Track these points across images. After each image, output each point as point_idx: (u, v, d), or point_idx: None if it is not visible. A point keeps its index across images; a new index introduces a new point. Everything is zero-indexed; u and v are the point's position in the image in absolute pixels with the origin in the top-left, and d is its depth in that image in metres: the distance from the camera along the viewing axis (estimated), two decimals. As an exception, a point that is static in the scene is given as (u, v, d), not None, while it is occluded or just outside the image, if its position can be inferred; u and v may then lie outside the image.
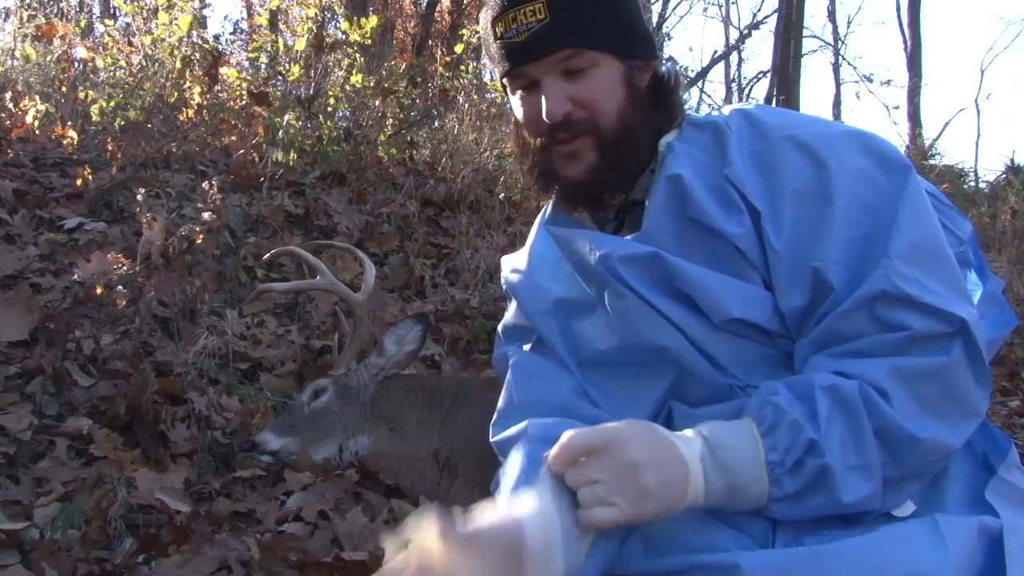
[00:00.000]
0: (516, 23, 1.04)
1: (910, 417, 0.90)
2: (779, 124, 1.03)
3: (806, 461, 0.89)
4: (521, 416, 1.09)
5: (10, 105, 4.15)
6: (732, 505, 0.92)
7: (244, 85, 4.91)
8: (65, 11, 5.66)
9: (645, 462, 0.86)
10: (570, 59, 1.04)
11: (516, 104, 1.11)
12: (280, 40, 5.05)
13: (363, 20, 5.14)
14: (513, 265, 1.24)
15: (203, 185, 3.38)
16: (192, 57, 4.65)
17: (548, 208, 1.22)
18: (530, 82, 1.07)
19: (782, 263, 0.98)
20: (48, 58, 4.71)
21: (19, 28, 4.99)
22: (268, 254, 2.86)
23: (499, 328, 1.25)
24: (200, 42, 4.88)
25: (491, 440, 1.14)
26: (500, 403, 1.17)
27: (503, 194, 4.86)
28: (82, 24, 5.72)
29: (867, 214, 0.96)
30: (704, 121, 1.09)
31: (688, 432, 0.93)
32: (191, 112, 4.48)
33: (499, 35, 1.06)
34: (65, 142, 4.01)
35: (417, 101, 5.62)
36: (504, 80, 1.10)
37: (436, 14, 11.63)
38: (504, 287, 1.26)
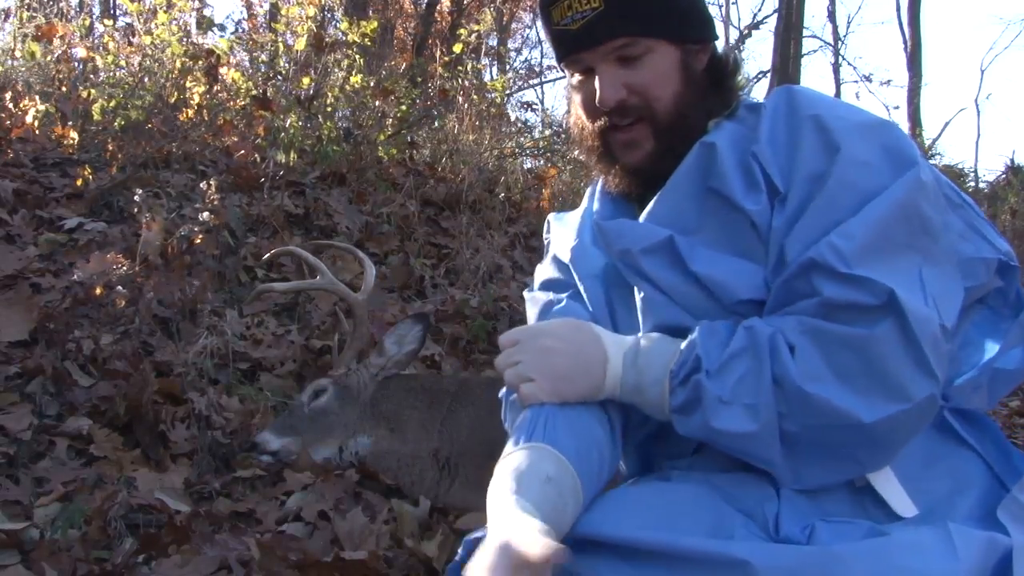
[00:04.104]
0: (571, 10, 1.05)
1: (814, 376, 0.91)
2: (810, 103, 1.04)
3: (691, 376, 0.96)
4: None
5: (10, 105, 4.15)
6: (644, 405, 1.02)
7: (247, 87, 4.91)
8: (65, 11, 5.65)
9: (556, 349, 1.01)
10: (624, 47, 1.05)
11: (574, 90, 1.12)
12: (280, 41, 5.05)
13: (363, 22, 5.14)
14: (565, 225, 1.25)
15: (201, 185, 3.38)
16: (193, 57, 4.65)
17: (600, 180, 1.22)
18: (586, 68, 1.08)
19: (774, 242, 1.00)
20: (48, 58, 4.71)
21: (19, 28, 4.99)
22: (268, 254, 2.86)
23: (536, 272, 1.27)
24: (202, 42, 4.88)
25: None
26: None
27: (503, 194, 4.86)
28: (85, 24, 5.72)
29: (853, 204, 0.96)
30: (755, 103, 1.10)
31: (630, 336, 1.05)
32: (191, 112, 4.48)
33: (556, 21, 1.07)
34: (65, 142, 4.01)
35: (417, 101, 5.61)
36: (561, 64, 1.12)
37: (436, 14, 11.63)
38: (545, 239, 1.29)
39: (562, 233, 1.24)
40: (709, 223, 1.04)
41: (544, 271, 1.25)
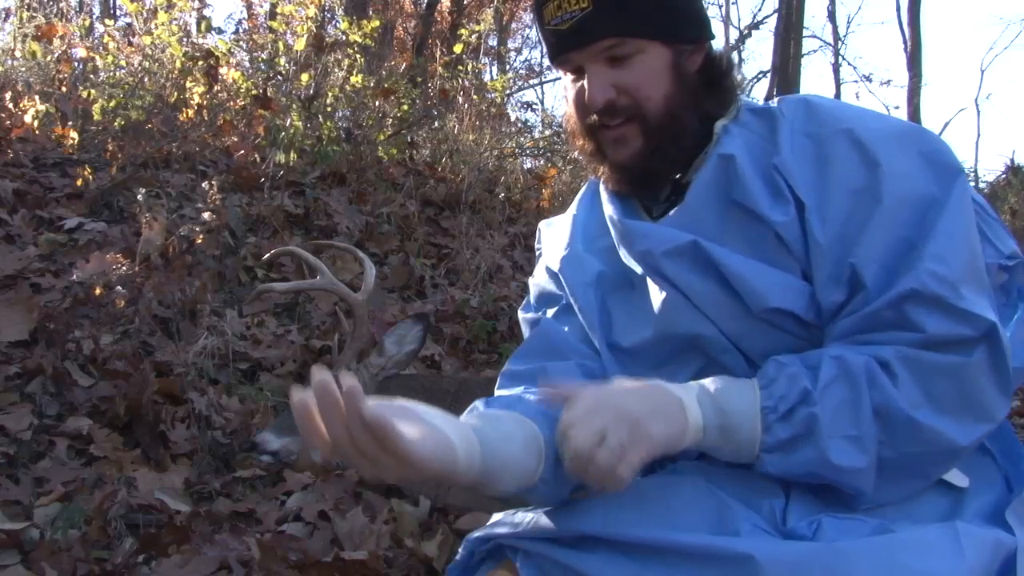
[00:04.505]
0: (561, 10, 1.04)
1: (915, 404, 0.90)
2: (837, 116, 1.02)
3: (797, 409, 0.92)
4: (525, 380, 1.14)
5: (10, 105, 4.15)
6: (726, 448, 0.95)
7: (247, 87, 4.91)
8: (65, 11, 5.65)
9: (644, 414, 0.90)
10: (613, 47, 1.03)
11: (565, 89, 1.12)
12: (281, 42, 5.05)
13: (364, 21, 5.15)
14: (555, 233, 1.24)
15: (203, 185, 3.38)
16: (193, 57, 4.65)
17: (597, 182, 1.21)
18: (577, 67, 1.07)
19: (825, 258, 0.98)
20: (48, 58, 4.71)
21: (19, 28, 4.99)
22: (268, 254, 2.86)
23: (530, 285, 1.26)
24: (202, 42, 4.88)
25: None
26: (510, 365, 1.19)
27: (503, 194, 4.86)
28: (85, 24, 5.72)
29: (912, 217, 0.95)
30: (760, 107, 1.09)
31: (689, 383, 0.98)
32: (191, 112, 4.49)
33: (547, 21, 1.07)
34: (65, 142, 4.01)
35: (417, 101, 5.61)
36: (553, 63, 1.11)
37: (436, 14, 11.63)
38: (537, 249, 1.28)
39: (553, 242, 1.23)
40: (732, 235, 1.03)
41: (537, 283, 1.24)
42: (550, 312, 1.19)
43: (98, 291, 2.72)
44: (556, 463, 0.95)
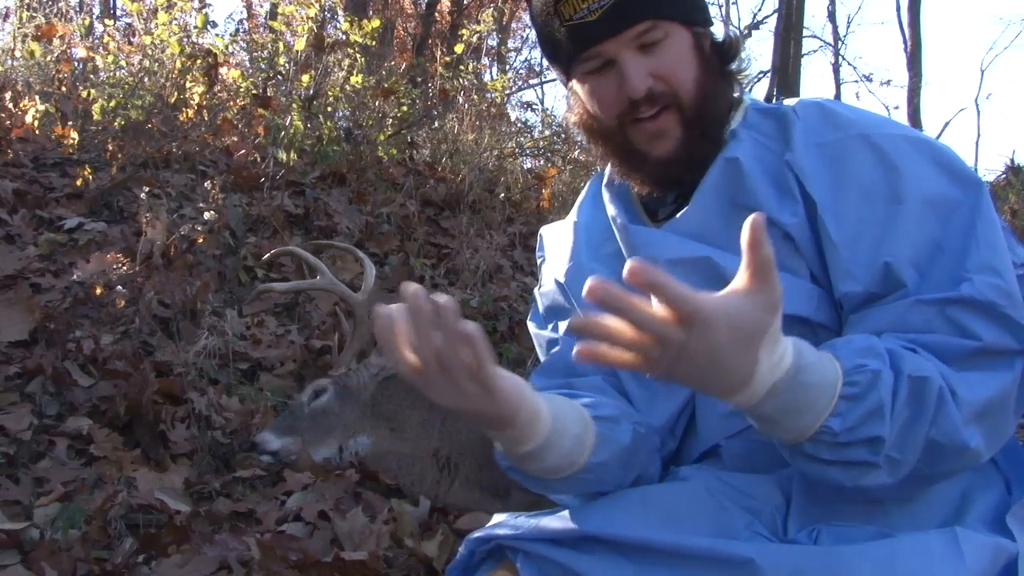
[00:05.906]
0: (587, 2, 1.03)
1: (966, 424, 0.89)
2: (854, 120, 1.02)
3: (858, 447, 0.86)
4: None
5: (10, 105, 4.15)
6: (763, 429, 0.87)
7: (247, 87, 4.91)
8: (65, 11, 5.65)
9: (706, 366, 0.78)
10: (646, 32, 1.03)
11: (584, 89, 1.09)
12: (281, 42, 5.05)
13: (365, 22, 5.15)
14: (557, 240, 1.22)
15: (205, 185, 3.38)
16: (194, 57, 4.65)
17: (603, 180, 1.19)
18: (603, 62, 1.06)
19: (838, 254, 0.97)
20: (48, 58, 4.71)
21: (19, 28, 4.99)
22: (268, 254, 2.86)
23: (537, 296, 1.24)
24: (201, 42, 4.89)
25: None
26: (533, 382, 1.16)
27: (503, 194, 4.86)
28: (85, 24, 5.72)
29: (937, 220, 0.95)
30: (770, 108, 1.08)
31: (788, 345, 0.82)
32: (191, 112, 4.49)
33: (567, 17, 1.05)
34: (65, 142, 4.01)
35: (417, 101, 5.61)
36: (569, 65, 1.09)
37: (436, 14, 11.64)
38: (539, 256, 1.26)
39: (556, 250, 1.21)
40: (738, 240, 1.01)
41: (545, 294, 1.22)
42: (561, 325, 1.18)
43: (98, 291, 2.72)
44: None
